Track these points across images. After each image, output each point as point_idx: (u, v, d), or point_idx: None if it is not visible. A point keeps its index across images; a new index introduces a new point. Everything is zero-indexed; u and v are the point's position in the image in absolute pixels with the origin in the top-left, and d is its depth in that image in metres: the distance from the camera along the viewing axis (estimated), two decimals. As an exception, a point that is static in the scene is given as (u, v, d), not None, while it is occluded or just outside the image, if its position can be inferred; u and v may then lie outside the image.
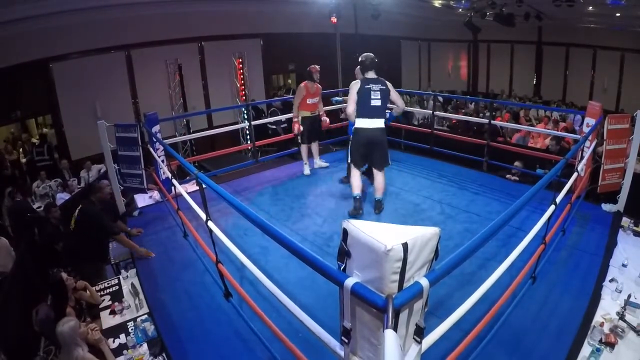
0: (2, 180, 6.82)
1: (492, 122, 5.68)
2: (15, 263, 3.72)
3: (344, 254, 1.09)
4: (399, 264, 0.93)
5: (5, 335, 2.77)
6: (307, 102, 4.77)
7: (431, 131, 5.54)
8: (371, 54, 3.64)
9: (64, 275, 2.99)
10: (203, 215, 2.56)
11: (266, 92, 10.37)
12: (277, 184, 4.87)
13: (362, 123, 3.56)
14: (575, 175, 3.18)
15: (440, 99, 10.74)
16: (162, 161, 4.30)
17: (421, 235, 0.98)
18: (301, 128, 4.78)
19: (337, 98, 5.48)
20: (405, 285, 0.97)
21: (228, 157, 6.43)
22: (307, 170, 5.07)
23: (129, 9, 7.83)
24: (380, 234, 0.96)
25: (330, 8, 9.47)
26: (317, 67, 4.78)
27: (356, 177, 3.77)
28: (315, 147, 5.11)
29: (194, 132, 8.24)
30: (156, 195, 4.67)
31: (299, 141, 4.98)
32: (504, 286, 2.31)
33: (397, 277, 0.95)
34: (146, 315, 2.76)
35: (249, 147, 6.49)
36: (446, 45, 14.21)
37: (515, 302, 2.51)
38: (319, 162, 5.24)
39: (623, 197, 3.66)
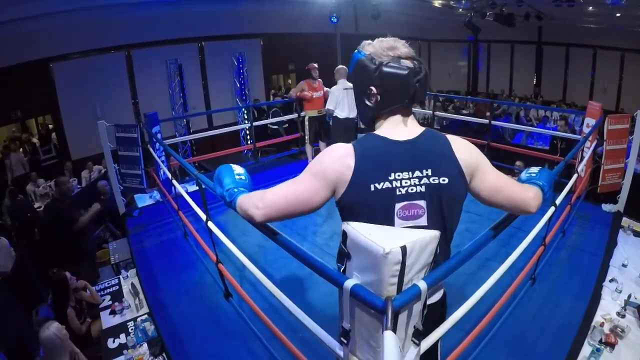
0: (2, 181, 6.82)
1: (492, 122, 5.67)
2: (15, 263, 3.73)
3: (343, 256, 1.08)
4: (398, 267, 0.93)
5: (5, 335, 2.78)
6: (313, 96, 4.83)
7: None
8: None
9: (68, 274, 3.00)
10: (203, 216, 2.56)
11: (266, 92, 10.37)
12: (277, 184, 4.86)
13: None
14: (575, 175, 3.18)
15: (441, 98, 10.72)
16: (162, 161, 4.31)
17: (420, 239, 0.98)
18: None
19: None
20: (404, 288, 0.97)
21: (228, 158, 6.42)
22: None
23: (129, 9, 7.81)
24: (379, 237, 0.95)
25: (330, 8, 9.46)
26: (314, 64, 4.94)
27: None
28: (323, 146, 5.14)
29: (194, 132, 8.23)
30: (156, 195, 4.68)
31: (305, 141, 5.02)
32: (504, 287, 2.31)
33: (395, 279, 0.94)
34: (146, 315, 2.76)
35: (250, 148, 6.49)
36: (446, 45, 14.18)
37: (515, 302, 2.51)
38: None
39: (623, 197, 3.66)
